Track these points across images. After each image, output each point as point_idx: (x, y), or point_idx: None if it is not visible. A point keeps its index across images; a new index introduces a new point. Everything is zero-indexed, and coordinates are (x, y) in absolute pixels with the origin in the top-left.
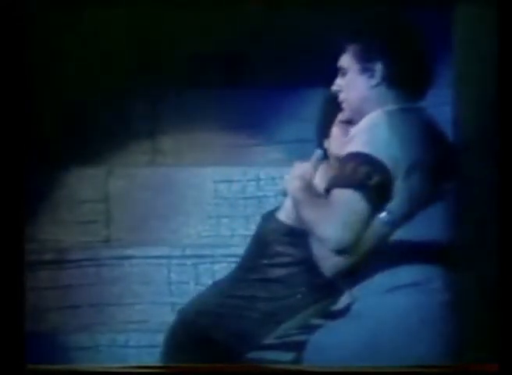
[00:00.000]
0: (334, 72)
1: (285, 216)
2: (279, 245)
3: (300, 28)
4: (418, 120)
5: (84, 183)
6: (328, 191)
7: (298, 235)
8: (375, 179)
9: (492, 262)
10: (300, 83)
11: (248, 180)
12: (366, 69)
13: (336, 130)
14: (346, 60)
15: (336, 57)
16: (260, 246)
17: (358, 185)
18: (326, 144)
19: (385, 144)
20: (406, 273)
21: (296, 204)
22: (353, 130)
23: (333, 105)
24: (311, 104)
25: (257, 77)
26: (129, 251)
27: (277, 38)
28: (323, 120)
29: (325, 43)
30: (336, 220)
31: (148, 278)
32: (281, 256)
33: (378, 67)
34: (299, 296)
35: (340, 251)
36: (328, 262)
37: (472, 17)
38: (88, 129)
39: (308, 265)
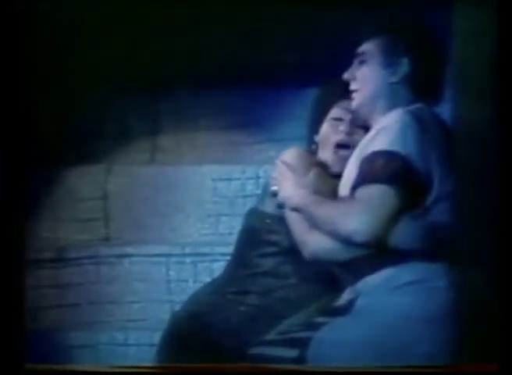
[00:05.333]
0: (333, 71)
1: (271, 207)
2: (267, 236)
3: (300, 27)
4: (434, 119)
5: (84, 181)
6: (355, 187)
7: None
8: (406, 174)
9: (495, 261)
10: (298, 83)
11: (247, 178)
12: (389, 64)
13: (325, 127)
14: (368, 49)
15: (338, 54)
16: (248, 240)
17: (390, 180)
18: (317, 139)
19: (410, 142)
20: (409, 271)
21: (307, 210)
22: (375, 128)
23: (325, 102)
24: (309, 103)
25: (257, 76)
26: (128, 250)
27: (277, 37)
28: (315, 117)
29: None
30: (366, 214)
31: (147, 276)
32: (269, 246)
33: (403, 63)
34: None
35: (368, 243)
36: (309, 247)
37: (472, 17)
38: (88, 127)
39: (298, 255)
